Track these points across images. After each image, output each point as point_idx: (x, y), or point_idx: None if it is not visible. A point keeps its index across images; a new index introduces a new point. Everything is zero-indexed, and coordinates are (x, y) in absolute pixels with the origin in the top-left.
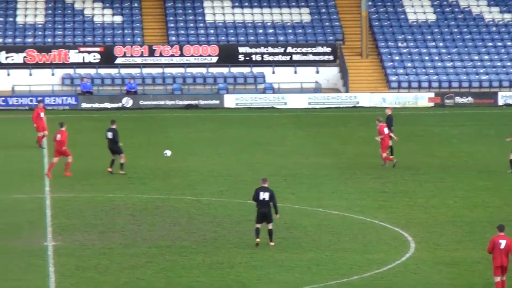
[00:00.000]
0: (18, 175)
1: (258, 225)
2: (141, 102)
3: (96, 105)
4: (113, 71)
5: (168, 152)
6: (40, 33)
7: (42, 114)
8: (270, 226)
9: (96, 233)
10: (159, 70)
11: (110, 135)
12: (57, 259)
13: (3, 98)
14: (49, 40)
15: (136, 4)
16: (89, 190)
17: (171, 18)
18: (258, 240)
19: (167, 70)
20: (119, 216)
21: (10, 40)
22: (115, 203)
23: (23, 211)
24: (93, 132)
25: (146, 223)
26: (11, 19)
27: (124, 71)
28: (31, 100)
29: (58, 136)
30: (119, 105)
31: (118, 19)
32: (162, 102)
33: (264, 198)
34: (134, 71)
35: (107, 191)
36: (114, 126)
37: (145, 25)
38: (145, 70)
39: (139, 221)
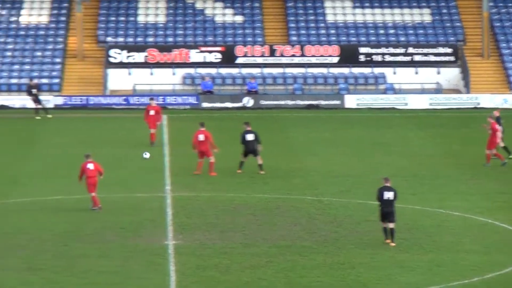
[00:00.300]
0: (139, 174)
1: (385, 224)
2: (262, 102)
3: (217, 105)
4: (234, 71)
5: (147, 154)
6: (161, 32)
7: (152, 112)
8: (392, 225)
9: (217, 232)
10: (280, 70)
11: (252, 136)
12: (178, 258)
13: (124, 97)
14: (170, 39)
15: (257, 4)
16: (210, 189)
17: (292, 18)
18: (388, 241)
19: (288, 70)
20: (240, 216)
21: (131, 40)
22: (236, 203)
23: (145, 210)
24: (214, 131)
25: (266, 223)
26: (132, 18)
27: (245, 70)
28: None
29: (201, 137)
30: (240, 104)
31: (239, 18)
32: (282, 102)
33: (388, 198)
34: (255, 70)
35: (228, 190)
36: (250, 128)
37: (266, 25)
38: (266, 70)
39: (260, 221)
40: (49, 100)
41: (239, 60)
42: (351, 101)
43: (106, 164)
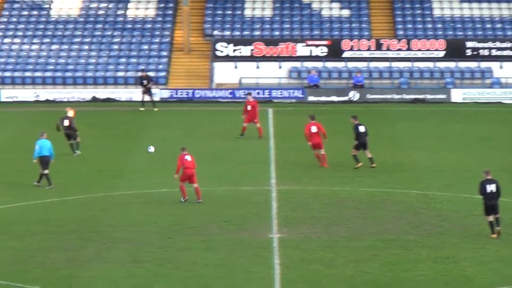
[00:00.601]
0: (245, 167)
1: (490, 218)
2: (368, 96)
3: (323, 98)
4: (340, 65)
5: (152, 148)
6: (268, 26)
7: (249, 107)
8: (497, 216)
9: (322, 226)
10: (386, 64)
11: (363, 128)
12: (282, 251)
13: (230, 91)
14: (277, 33)
15: None
16: (316, 183)
17: (399, 12)
18: (494, 235)
19: (394, 64)
20: (345, 209)
21: (237, 33)
22: (341, 196)
23: (250, 203)
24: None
25: (371, 217)
26: (239, 12)
27: (351, 64)
28: (257, 93)
29: (314, 128)
30: (346, 98)
31: (345, 12)
32: (388, 96)
33: (491, 190)
34: (361, 64)
35: (333, 184)
36: (358, 121)
37: (373, 19)
38: (372, 64)
39: (365, 215)
40: (156, 93)
41: (346, 54)
42: (457, 95)
43: (212, 157)
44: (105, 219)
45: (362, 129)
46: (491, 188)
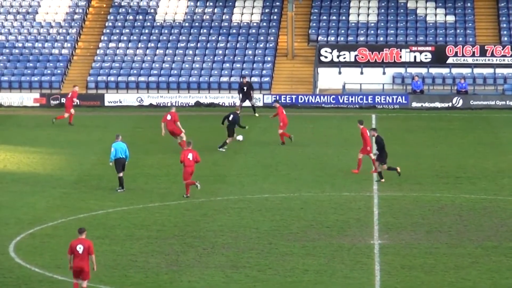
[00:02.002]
0: (347, 172)
1: None
2: (472, 102)
3: (426, 105)
4: (444, 71)
5: (240, 137)
6: (372, 31)
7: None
8: None
9: (423, 233)
10: (490, 70)
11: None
12: (383, 258)
13: (334, 96)
14: (381, 39)
15: (469, 4)
16: (417, 189)
17: (504, 18)
18: None
19: (499, 70)
20: (446, 216)
21: (342, 39)
22: (443, 203)
23: (352, 209)
24: (423, 131)
25: (473, 224)
26: (344, 18)
27: (455, 70)
28: (361, 99)
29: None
30: (449, 104)
31: (450, 18)
32: (492, 102)
33: None
34: (465, 70)
35: (435, 190)
36: None
37: (477, 25)
38: (476, 70)
39: (466, 221)
40: (259, 98)
41: (450, 60)
42: None
43: (314, 162)
44: (206, 224)
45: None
46: None
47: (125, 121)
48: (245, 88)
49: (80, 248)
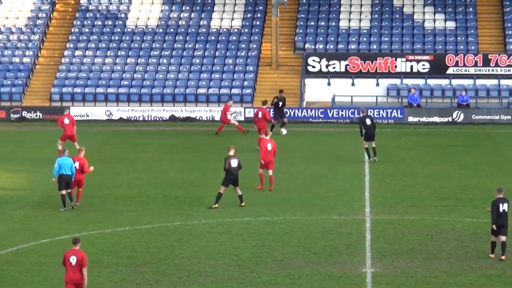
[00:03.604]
0: (337, 193)
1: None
2: (474, 116)
3: (424, 119)
4: (443, 82)
5: (284, 131)
6: (365, 39)
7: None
8: None
9: (420, 260)
10: (495, 81)
11: (370, 121)
12: (376, 287)
13: (322, 110)
14: (374, 47)
15: (471, 9)
16: (414, 212)
17: (509, 25)
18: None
19: (503, 82)
20: (445, 242)
21: (332, 47)
22: (442, 227)
23: (342, 234)
24: (420, 148)
25: (475, 250)
26: (333, 23)
27: (455, 82)
28: (352, 113)
29: (269, 146)
30: (449, 119)
31: (451, 25)
32: (496, 117)
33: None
34: (467, 82)
35: (433, 213)
36: None
37: (480, 32)
38: (479, 81)
39: (468, 248)
40: (240, 112)
41: (450, 70)
42: None
43: (301, 182)
44: (182, 251)
45: (368, 122)
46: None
47: (92, 136)
48: (280, 103)
49: (73, 260)
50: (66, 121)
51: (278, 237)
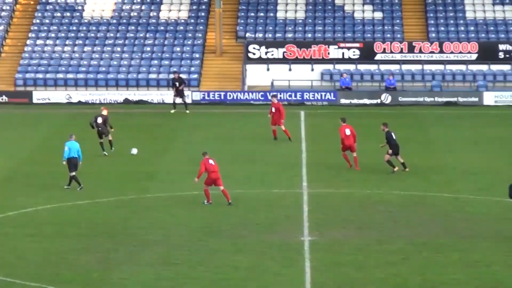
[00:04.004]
0: (276, 169)
1: None
2: (400, 99)
3: (355, 101)
4: (372, 67)
5: (134, 150)
6: (300, 28)
7: (273, 109)
8: None
9: (353, 229)
10: (419, 66)
11: (394, 135)
12: (313, 254)
13: (262, 93)
14: (309, 35)
15: (396, 0)
16: (347, 186)
17: (432, 15)
18: None
19: (427, 67)
20: (376, 213)
21: (270, 35)
22: (373, 199)
23: (281, 206)
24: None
25: (403, 220)
26: (271, 14)
27: (383, 67)
28: (289, 95)
29: (347, 131)
30: (378, 101)
31: (378, 15)
32: (421, 99)
33: None
34: (394, 67)
35: (365, 187)
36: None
37: (405, 21)
38: (405, 67)
39: (396, 218)
40: (187, 95)
41: (378, 57)
42: (489, 98)
43: (243, 159)
44: (137, 222)
45: (394, 136)
46: None
47: (54, 118)
48: (177, 83)
49: None
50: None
51: (224, 209)
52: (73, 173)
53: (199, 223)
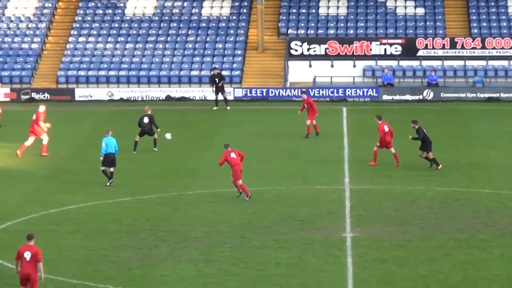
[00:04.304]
0: (318, 166)
1: None
2: (442, 95)
3: (397, 97)
4: (414, 63)
5: (168, 135)
6: (342, 24)
7: (305, 105)
8: None
9: (395, 225)
10: (461, 62)
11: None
12: (356, 250)
13: (305, 89)
14: (351, 32)
15: None
16: (388, 182)
17: (474, 11)
18: None
19: (469, 63)
20: (418, 209)
21: (312, 32)
22: (414, 195)
23: (323, 202)
24: (394, 124)
25: (444, 216)
26: (313, 10)
27: (425, 63)
28: (331, 92)
29: (386, 128)
30: (420, 97)
31: (420, 11)
32: (463, 95)
33: None
34: (436, 63)
35: (406, 183)
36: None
37: (447, 17)
38: (447, 63)
39: (438, 214)
40: (229, 92)
41: (420, 53)
42: None
43: (285, 156)
44: (178, 218)
45: (425, 130)
46: None
47: (95, 115)
48: (216, 79)
49: (27, 255)
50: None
51: (266, 205)
52: (112, 169)
53: (241, 220)
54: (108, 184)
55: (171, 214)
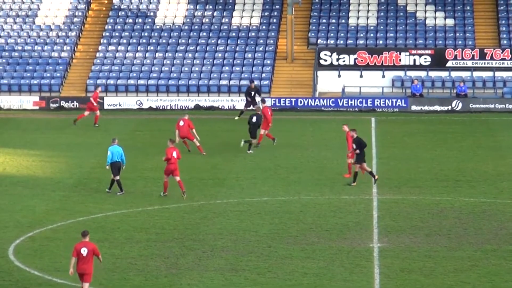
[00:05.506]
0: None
1: None
2: (471, 105)
3: (426, 108)
4: (443, 74)
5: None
6: (371, 35)
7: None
8: None
9: (422, 236)
10: (490, 73)
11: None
12: (383, 261)
13: (333, 100)
14: (381, 42)
15: (468, 7)
16: (416, 192)
17: (503, 22)
18: None
19: (498, 74)
20: (445, 219)
21: (342, 42)
22: (442, 206)
23: (351, 212)
24: (422, 134)
25: (472, 227)
26: (343, 21)
27: (454, 74)
28: (360, 102)
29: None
30: (449, 108)
31: (450, 22)
32: (492, 106)
33: None
34: (465, 74)
35: (434, 193)
36: None
37: (477, 28)
38: (476, 73)
39: (465, 225)
40: (258, 101)
41: (449, 63)
42: None
43: (313, 165)
44: (206, 227)
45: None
46: None
47: (124, 124)
48: (252, 92)
49: (84, 251)
50: (181, 123)
51: (293, 215)
52: (117, 177)
53: (268, 229)
54: (108, 190)
55: (199, 223)
